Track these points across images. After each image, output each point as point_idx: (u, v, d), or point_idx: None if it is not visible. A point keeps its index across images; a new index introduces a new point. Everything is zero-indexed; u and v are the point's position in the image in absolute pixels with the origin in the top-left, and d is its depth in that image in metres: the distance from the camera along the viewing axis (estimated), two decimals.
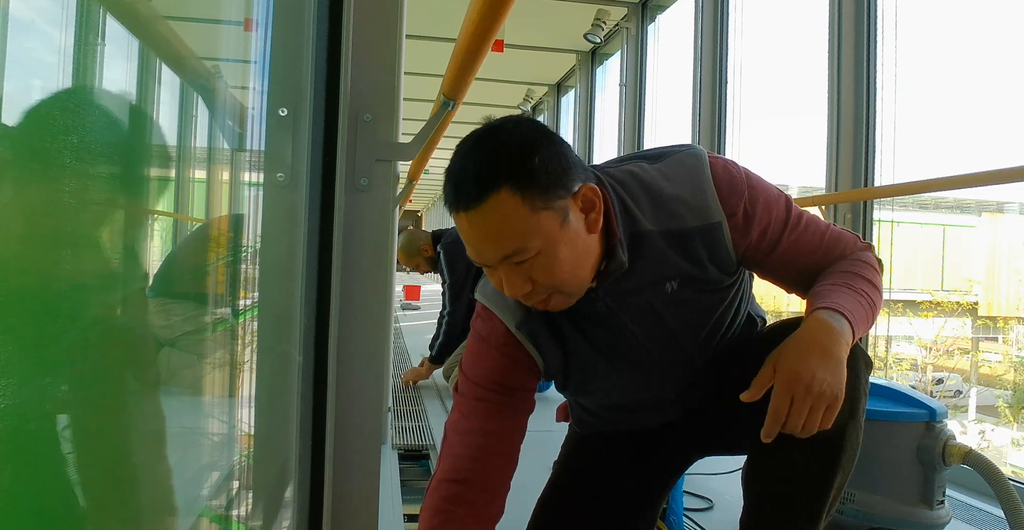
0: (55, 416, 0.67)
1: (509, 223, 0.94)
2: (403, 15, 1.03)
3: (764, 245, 1.09)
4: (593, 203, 0.99)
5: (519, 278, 0.98)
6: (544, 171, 0.94)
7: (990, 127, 5.27)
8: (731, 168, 1.09)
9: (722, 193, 1.05)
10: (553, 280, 0.98)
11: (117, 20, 0.91)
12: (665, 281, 1.09)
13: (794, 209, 1.11)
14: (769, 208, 1.08)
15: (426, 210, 23.92)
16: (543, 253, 0.96)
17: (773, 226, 1.09)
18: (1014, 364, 5.75)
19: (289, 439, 0.99)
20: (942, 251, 6.62)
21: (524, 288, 0.99)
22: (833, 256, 1.12)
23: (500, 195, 0.93)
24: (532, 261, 0.96)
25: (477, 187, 0.93)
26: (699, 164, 1.07)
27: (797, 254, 1.11)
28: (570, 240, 0.98)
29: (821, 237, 1.12)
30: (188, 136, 1.41)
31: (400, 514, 1.85)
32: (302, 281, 0.98)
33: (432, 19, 4.70)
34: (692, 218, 1.05)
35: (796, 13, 4.70)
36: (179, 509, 0.89)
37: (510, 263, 0.97)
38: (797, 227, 1.10)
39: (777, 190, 1.12)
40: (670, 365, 1.19)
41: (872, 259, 1.11)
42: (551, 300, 1.02)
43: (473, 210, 0.94)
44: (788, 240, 1.09)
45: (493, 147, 0.96)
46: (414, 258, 3.53)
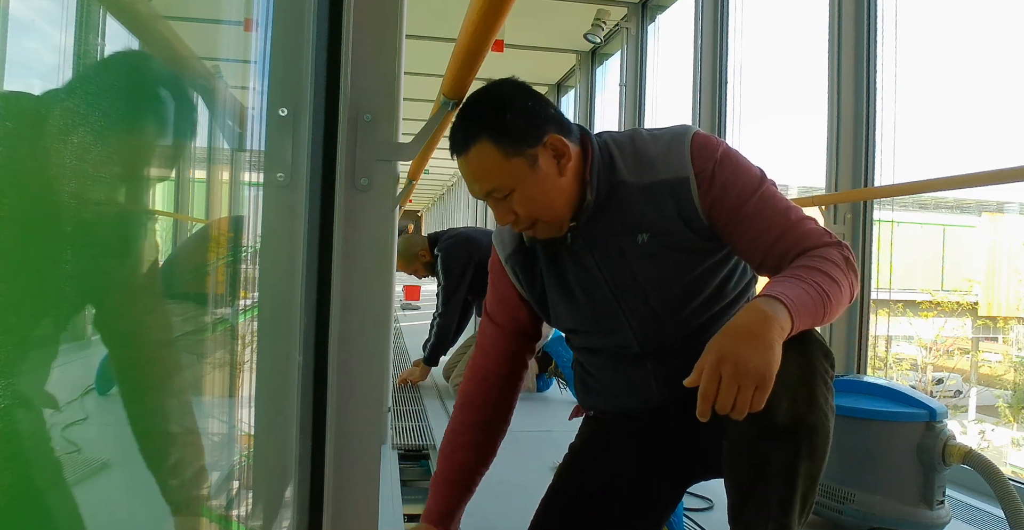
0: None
1: (487, 167, 1.18)
2: (403, 15, 1.03)
3: (727, 206, 1.17)
4: (562, 151, 1.20)
5: (503, 209, 1.21)
6: (515, 125, 1.17)
7: (990, 127, 5.27)
8: (712, 138, 1.22)
9: (694, 151, 1.19)
10: (528, 212, 1.20)
11: (117, 20, 0.91)
12: (636, 232, 1.22)
13: (766, 184, 1.19)
14: (738, 173, 1.18)
15: (426, 210, 23.92)
16: (517, 190, 1.18)
17: (739, 190, 1.17)
18: (1014, 364, 5.75)
19: (289, 439, 0.99)
20: (942, 251, 6.62)
21: (509, 217, 1.21)
22: (799, 242, 1.15)
23: (480, 145, 1.17)
24: (511, 197, 1.19)
25: (464, 138, 1.18)
26: (684, 130, 1.23)
27: (761, 226, 1.16)
28: (539, 180, 1.19)
29: (786, 215, 1.16)
30: (188, 136, 1.41)
31: (400, 514, 1.85)
32: (302, 281, 0.98)
33: (432, 19, 4.69)
34: (664, 171, 1.20)
35: (796, 13, 4.69)
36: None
37: (493, 198, 1.20)
38: (764, 198, 1.17)
39: (755, 167, 1.22)
40: (636, 317, 1.27)
41: (835, 255, 1.12)
42: (537, 228, 1.23)
43: (463, 156, 1.19)
44: (751, 206, 1.16)
45: (478, 104, 1.21)
46: (412, 264, 3.54)
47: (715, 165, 1.18)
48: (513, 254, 1.35)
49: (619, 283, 1.25)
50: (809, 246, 1.14)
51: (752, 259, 1.21)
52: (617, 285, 1.25)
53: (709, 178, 1.18)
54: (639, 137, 1.26)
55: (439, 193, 18.74)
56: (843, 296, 1.09)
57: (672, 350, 1.26)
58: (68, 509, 0.75)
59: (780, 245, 1.15)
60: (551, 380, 3.32)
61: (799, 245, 1.14)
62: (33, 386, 0.59)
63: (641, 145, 1.24)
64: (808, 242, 1.14)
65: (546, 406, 3.17)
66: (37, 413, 0.65)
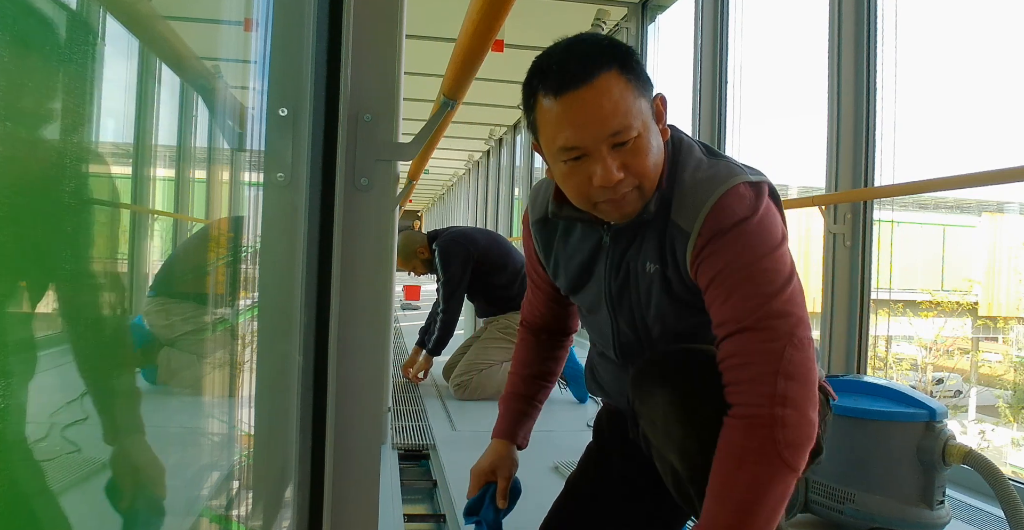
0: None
1: (619, 99, 1.02)
2: (403, 15, 1.03)
3: (706, 273, 1.07)
4: (662, 115, 1.10)
5: (615, 163, 1.04)
6: (640, 68, 1.05)
7: (990, 127, 5.27)
8: (743, 203, 1.06)
9: (713, 211, 1.06)
10: (643, 167, 1.06)
11: (117, 20, 0.91)
12: (648, 259, 1.15)
13: (764, 263, 1.04)
14: (738, 248, 1.04)
15: (426, 210, 23.93)
16: (641, 136, 1.04)
17: (725, 262, 1.05)
18: (1014, 364, 5.75)
19: (289, 439, 0.99)
20: (942, 251, 6.62)
21: (619, 174, 1.04)
22: (734, 352, 1.02)
23: (610, 74, 1.01)
24: (631, 144, 1.04)
25: (588, 66, 1.01)
26: (724, 181, 1.07)
27: (721, 297, 1.05)
28: (656, 135, 1.08)
29: (750, 305, 1.03)
30: (188, 136, 1.42)
31: (400, 514, 1.85)
32: (302, 281, 0.98)
33: (432, 19, 4.69)
34: (679, 212, 1.10)
35: (796, 13, 4.70)
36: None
37: (610, 144, 1.03)
38: (747, 276, 1.03)
39: (768, 244, 1.05)
40: (621, 333, 1.25)
41: (756, 442, 0.98)
42: (628, 197, 1.09)
43: (584, 87, 1.01)
44: (729, 280, 1.04)
45: (595, 39, 1.07)
46: (411, 261, 3.54)
47: (723, 233, 1.05)
48: (538, 221, 1.32)
49: (615, 297, 1.23)
50: (735, 379, 1.01)
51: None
52: (612, 297, 1.23)
53: (706, 244, 1.07)
54: (692, 154, 1.14)
55: (439, 193, 18.75)
56: (781, 496, 0.98)
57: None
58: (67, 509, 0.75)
59: (729, 336, 1.04)
60: None
61: (735, 359, 1.03)
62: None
63: (683, 166, 1.12)
64: (741, 367, 1.01)
65: (546, 406, 3.16)
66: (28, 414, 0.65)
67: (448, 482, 2.05)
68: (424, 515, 2.04)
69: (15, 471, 0.58)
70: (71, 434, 0.79)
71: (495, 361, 3.24)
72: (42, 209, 0.60)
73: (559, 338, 1.56)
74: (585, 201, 1.11)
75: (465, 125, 8.71)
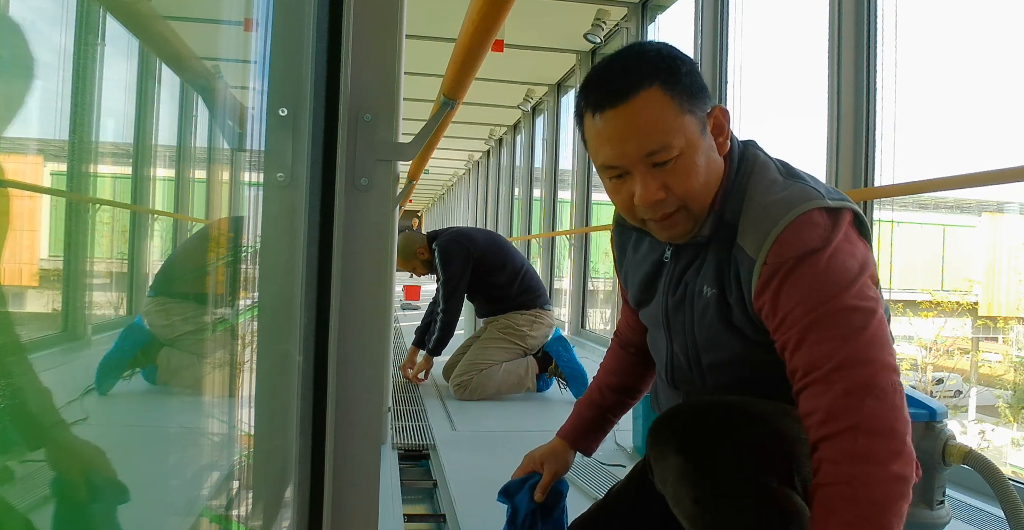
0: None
1: (659, 118, 0.98)
2: (403, 15, 1.03)
3: (774, 313, 0.99)
4: (722, 127, 1.04)
5: (655, 183, 1.00)
6: (690, 79, 1.00)
7: (990, 127, 5.27)
8: (816, 230, 0.97)
9: (782, 238, 0.98)
10: (686, 188, 1.01)
11: (117, 20, 0.91)
12: (707, 283, 1.08)
13: (837, 302, 0.95)
14: (806, 287, 0.96)
15: (426, 210, 23.93)
16: (684, 154, 0.99)
17: (793, 305, 0.97)
18: (1014, 364, 5.75)
19: (289, 439, 0.99)
20: (942, 251, 6.62)
21: (658, 194, 1.01)
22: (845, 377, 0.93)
23: (652, 90, 0.98)
24: (672, 163, 0.99)
25: (628, 82, 0.98)
26: (796, 205, 0.99)
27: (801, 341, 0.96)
28: (706, 152, 1.02)
29: (834, 358, 0.94)
30: (188, 136, 1.42)
31: (400, 514, 1.85)
32: (302, 281, 0.98)
33: (432, 19, 4.69)
34: (745, 235, 1.02)
35: (796, 13, 4.70)
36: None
37: (649, 163, 1.00)
38: (820, 320, 0.95)
39: (844, 281, 0.96)
40: (673, 355, 1.19)
41: (894, 448, 0.90)
42: (676, 218, 1.04)
43: (621, 106, 0.98)
44: (802, 325, 0.96)
45: (642, 52, 1.02)
46: (411, 261, 3.54)
47: (790, 266, 0.97)
48: (618, 225, 1.28)
49: (671, 316, 1.17)
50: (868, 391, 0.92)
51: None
52: (668, 316, 1.17)
53: (771, 276, 0.98)
54: (766, 172, 1.06)
55: (439, 193, 18.75)
56: (902, 507, 0.89)
57: (696, 390, 1.20)
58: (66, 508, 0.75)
59: (805, 387, 0.96)
60: (551, 380, 3.32)
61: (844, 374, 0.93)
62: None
63: (754, 186, 1.05)
64: (859, 378, 0.92)
65: (546, 406, 3.18)
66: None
67: (448, 482, 2.05)
68: (424, 515, 2.04)
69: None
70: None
71: (495, 361, 3.24)
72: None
73: (649, 357, 1.42)
74: (632, 218, 1.08)
75: (465, 125, 8.71)
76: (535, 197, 8.03)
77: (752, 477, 0.97)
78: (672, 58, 1.01)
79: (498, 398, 3.22)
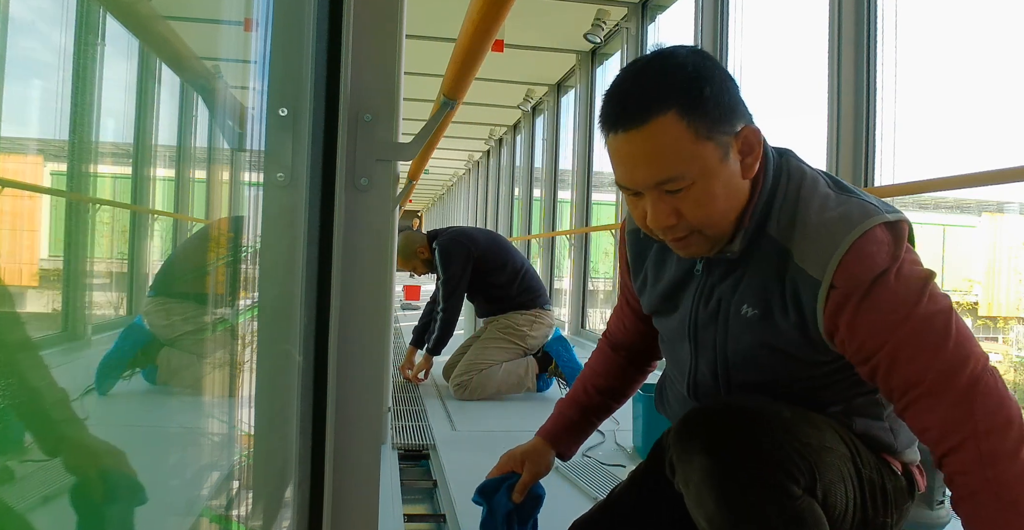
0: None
1: (671, 147, 0.94)
2: (403, 15, 1.03)
3: (855, 336, 0.96)
4: (752, 147, 0.99)
5: (666, 208, 0.97)
6: (714, 102, 0.94)
7: (990, 127, 5.27)
8: (882, 248, 0.95)
9: (849, 260, 0.94)
10: (700, 216, 0.98)
11: (117, 20, 0.91)
12: (745, 301, 1.04)
13: (917, 314, 0.93)
14: (886, 304, 0.94)
15: (426, 210, 23.93)
16: (697, 184, 0.96)
17: (877, 324, 0.94)
18: (1014, 364, 5.75)
19: (289, 439, 0.99)
20: (942, 251, 6.62)
21: (669, 220, 0.98)
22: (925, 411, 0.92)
23: (667, 117, 0.93)
24: (685, 191, 0.96)
25: (643, 106, 0.94)
26: (857, 221, 0.96)
27: (885, 366, 0.94)
28: (726, 178, 0.97)
29: (924, 374, 0.92)
30: (188, 136, 1.42)
31: (400, 514, 1.85)
32: (302, 281, 0.98)
33: (432, 19, 4.69)
34: (802, 257, 0.98)
35: (796, 13, 4.70)
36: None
37: (661, 190, 0.97)
38: (909, 335, 0.93)
39: (917, 293, 0.94)
40: (699, 373, 1.15)
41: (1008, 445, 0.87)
42: (691, 240, 1.01)
43: (635, 130, 0.94)
44: (888, 347, 0.94)
45: (664, 69, 0.96)
46: (411, 261, 3.54)
47: (864, 290, 0.94)
48: (634, 231, 1.21)
49: (700, 329, 1.12)
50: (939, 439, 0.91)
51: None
52: (697, 329, 1.12)
53: (844, 301, 0.95)
54: (813, 187, 1.02)
55: (439, 193, 18.76)
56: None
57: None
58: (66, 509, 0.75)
59: (909, 407, 0.94)
60: (551, 380, 3.33)
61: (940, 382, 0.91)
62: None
63: (808, 200, 1.01)
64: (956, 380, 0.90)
65: (546, 406, 3.17)
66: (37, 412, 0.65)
67: (448, 482, 2.05)
68: (424, 515, 2.04)
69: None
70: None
71: (495, 361, 3.25)
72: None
73: (640, 362, 1.42)
74: (649, 233, 1.06)
75: (465, 125, 8.71)
76: (535, 197, 8.03)
77: (778, 484, 0.95)
78: (696, 79, 0.95)
79: (498, 398, 3.22)
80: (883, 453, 1.11)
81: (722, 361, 1.10)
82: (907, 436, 1.12)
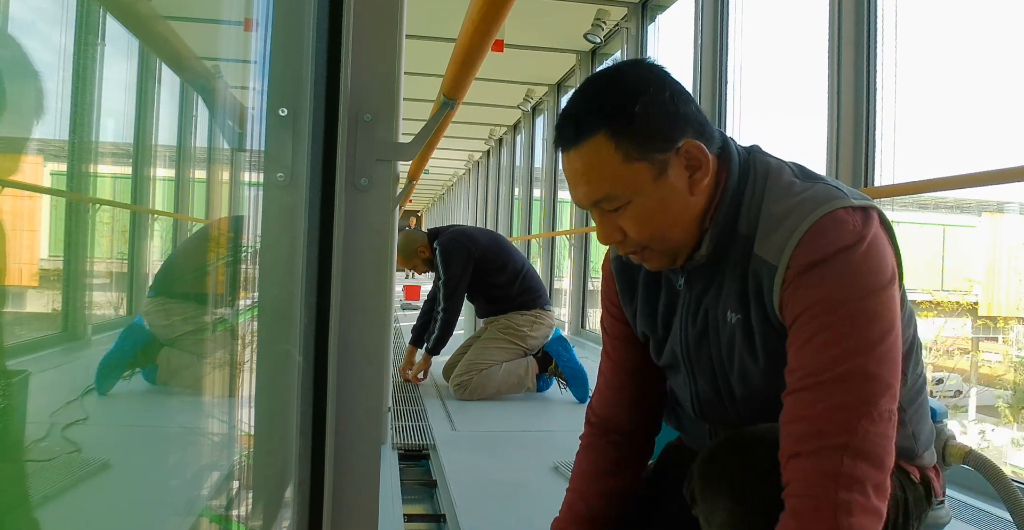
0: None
1: (600, 169, 0.94)
2: (403, 15, 1.03)
3: (793, 308, 0.91)
4: (699, 162, 0.95)
5: (609, 225, 0.98)
6: (645, 119, 0.92)
7: (990, 127, 5.27)
8: (844, 227, 0.89)
9: (804, 240, 0.90)
10: (641, 233, 0.97)
11: (117, 20, 0.91)
12: (729, 308, 0.99)
13: (867, 303, 0.88)
14: (835, 279, 0.89)
15: (426, 210, 23.93)
16: (632, 204, 0.95)
17: (820, 297, 0.89)
18: (1014, 364, 5.75)
19: (289, 439, 0.99)
20: (942, 251, 6.62)
21: (614, 237, 0.98)
22: (814, 416, 0.88)
23: (596, 139, 0.93)
24: (622, 210, 0.96)
25: (576, 129, 0.95)
26: (820, 204, 0.91)
27: (806, 346, 0.90)
28: (662, 197, 0.95)
29: (842, 359, 0.87)
30: (188, 136, 1.42)
31: (400, 514, 1.85)
32: (302, 281, 0.98)
33: (432, 19, 4.69)
34: (763, 246, 0.94)
35: (796, 13, 4.70)
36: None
37: (601, 209, 0.97)
38: (843, 319, 0.88)
39: (875, 281, 0.89)
40: (700, 391, 1.10)
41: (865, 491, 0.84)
42: (645, 254, 1.00)
43: (571, 151, 0.96)
44: (818, 321, 0.89)
45: (601, 89, 0.97)
46: (411, 260, 3.54)
47: (816, 263, 0.89)
48: (618, 257, 1.15)
49: (693, 351, 1.07)
50: (812, 446, 0.86)
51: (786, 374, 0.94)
52: (689, 351, 1.07)
53: (798, 274, 0.90)
54: (780, 177, 0.98)
55: (439, 193, 18.75)
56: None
57: (729, 422, 1.10)
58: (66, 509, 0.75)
59: (799, 390, 0.90)
60: (551, 380, 3.33)
61: (810, 422, 0.87)
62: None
63: (770, 192, 0.97)
64: (822, 427, 0.86)
65: (546, 406, 3.18)
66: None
67: (448, 482, 2.05)
68: (424, 515, 2.04)
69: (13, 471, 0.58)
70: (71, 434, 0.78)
71: (495, 361, 3.25)
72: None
73: (640, 441, 1.22)
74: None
75: (465, 125, 8.71)
76: (535, 197, 8.03)
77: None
78: (631, 98, 0.93)
79: (498, 398, 3.22)
80: (902, 460, 1.06)
81: (722, 376, 1.05)
82: (926, 438, 1.09)
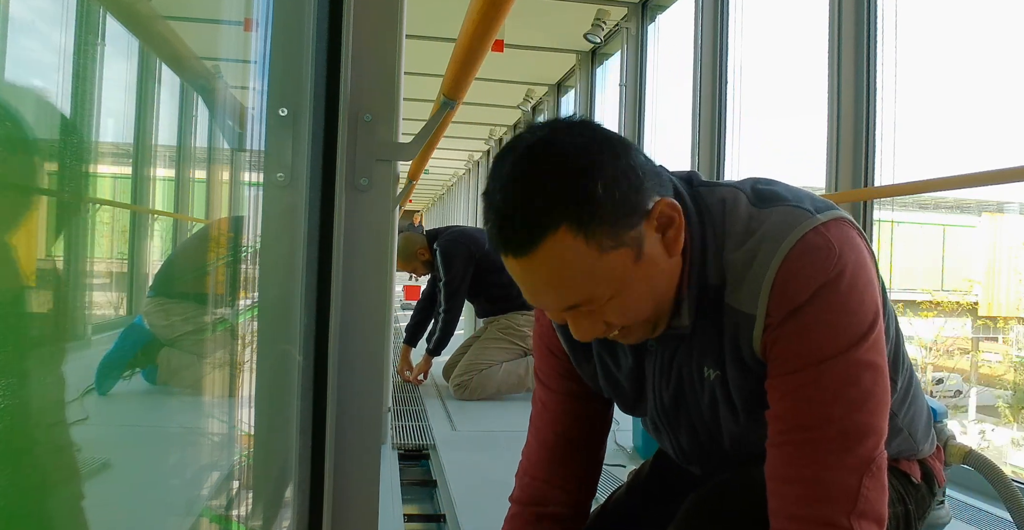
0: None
1: (571, 270, 0.77)
2: (403, 15, 1.03)
3: (779, 356, 0.83)
4: (671, 219, 0.81)
5: (590, 323, 0.83)
6: (611, 199, 0.76)
7: (990, 127, 5.27)
8: (818, 260, 0.80)
9: (777, 285, 0.80)
10: (624, 319, 0.83)
11: (117, 20, 0.91)
12: (705, 364, 0.90)
13: (853, 354, 0.80)
14: (824, 326, 0.80)
15: (426, 210, 23.94)
16: (617, 296, 0.80)
17: (807, 346, 0.81)
18: (1014, 364, 5.75)
19: (289, 439, 0.99)
20: (942, 251, 6.63)
21: (596, 333, 0.84)
22: (796, 480, 0.82)
23: (557, 236, 0.75)
24: (604, 305, 0.81)
25: (528, 228, 0.76)
26: (782, 239, 0.81)
27: (786, 401, 0.83)
28: (648, 276, 0.81)
29: (829, 420, 0.81)
30: (188, 136, 1.42)
31: (400, 514, 1.85)
32: (302, 281, 0.98)
33: (432, 19, 4.69)
34: (732, 295, 0.84)
35: (796, 13, 4.70)
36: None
37: (577, 311, 0.82)
38: (827, 374, 0.81)
39: (862, 321, 0.81)
40: (679, 443, 1.04)
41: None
42: (626, 332, 0.87)
43: (524, 257, 0.77)
44: (803, 375, 0.82)
45: (542, 170, 0.77)
46: (411, 262, 3.55)
47: (795, 310, 0.80)
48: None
49: (669, 412, 0.98)
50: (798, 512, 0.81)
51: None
52: (666, 412, 0.99)
53: (779, 323, 0.81)
54: (735, 217, 0.85)
55: (439, 193, 18.75)
56: None
57: (716, 463, 1.04)
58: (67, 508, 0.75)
59: (787, 444, 0.83)
60: None
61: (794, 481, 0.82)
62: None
63: (729, 235, 0.85)
64: (841, 458, 0.80)
65: None
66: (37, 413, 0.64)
67: (448, 482, 2.05)
68: (424, 515, 2.04)
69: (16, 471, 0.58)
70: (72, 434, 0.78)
71: (495, 361, 3.25)
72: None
73: (581, 512, 1.11)
74: None
75: (465, 125, 8.71)
76: None
77: None
78: (583, 174, 0.76)
79: (498, 398, 3.22)
80: (902, 460, 1.04)
81: (704, 433, 0.98)
82: (924, 428, 1.06)
